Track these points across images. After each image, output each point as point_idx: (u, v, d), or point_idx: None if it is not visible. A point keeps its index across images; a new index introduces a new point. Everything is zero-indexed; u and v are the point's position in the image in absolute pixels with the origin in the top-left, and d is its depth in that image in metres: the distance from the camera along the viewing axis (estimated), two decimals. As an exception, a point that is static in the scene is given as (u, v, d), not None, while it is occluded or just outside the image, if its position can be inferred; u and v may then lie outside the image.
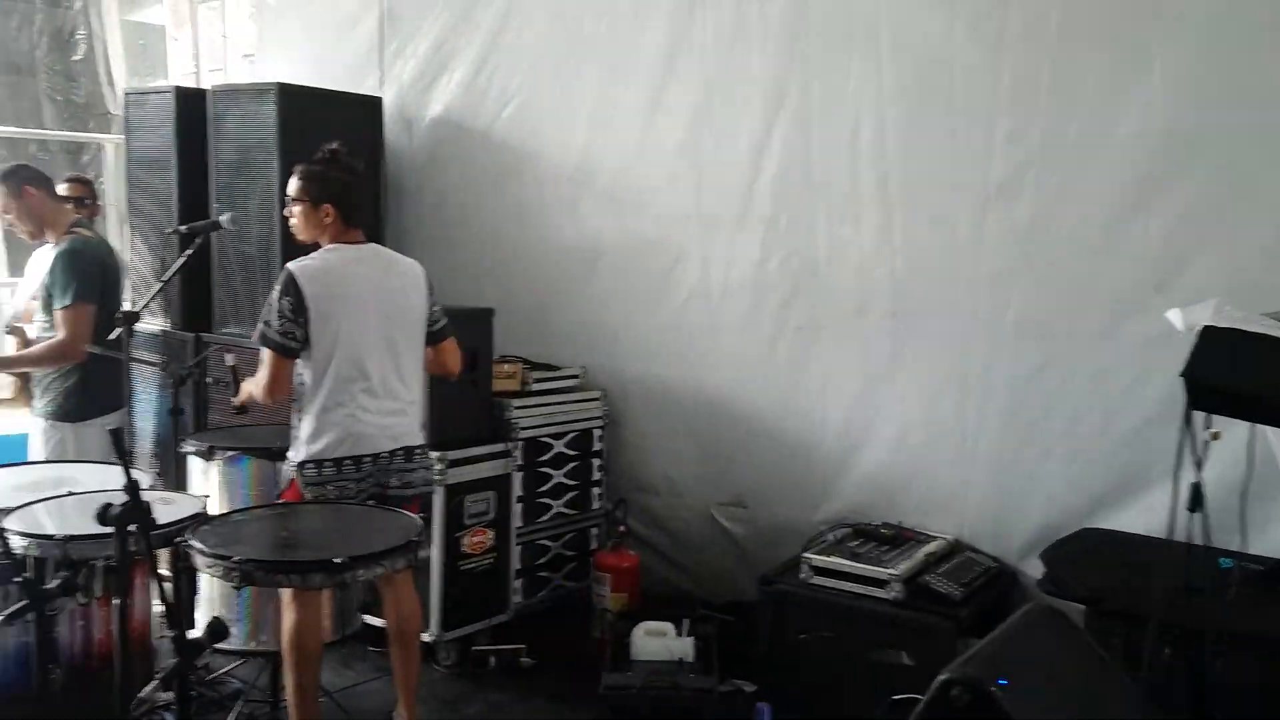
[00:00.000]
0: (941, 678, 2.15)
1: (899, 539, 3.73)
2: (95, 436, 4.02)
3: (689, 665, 3.65)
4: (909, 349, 3.94)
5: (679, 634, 3.77)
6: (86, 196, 4.92)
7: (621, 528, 4.41)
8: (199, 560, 2.71)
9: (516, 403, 4.26)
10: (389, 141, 5.03)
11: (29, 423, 4.21)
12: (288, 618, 3.14)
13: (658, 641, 3.73)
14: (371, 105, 4.92)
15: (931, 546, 3.68)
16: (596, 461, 4.59)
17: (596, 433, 4.57)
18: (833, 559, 3.56)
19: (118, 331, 3.72)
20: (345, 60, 5.24)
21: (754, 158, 4.19)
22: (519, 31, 4.75)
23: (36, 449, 4.13)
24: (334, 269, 3.24)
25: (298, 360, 3.21)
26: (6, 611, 2.67)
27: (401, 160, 5.11)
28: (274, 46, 5.73)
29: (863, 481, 4.08)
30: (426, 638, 3.82)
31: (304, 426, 3.22)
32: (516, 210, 4.83)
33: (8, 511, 2.87)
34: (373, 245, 3.40)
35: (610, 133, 4.55)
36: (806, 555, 3.60)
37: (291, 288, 3.15)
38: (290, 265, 3.21)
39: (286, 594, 3.14)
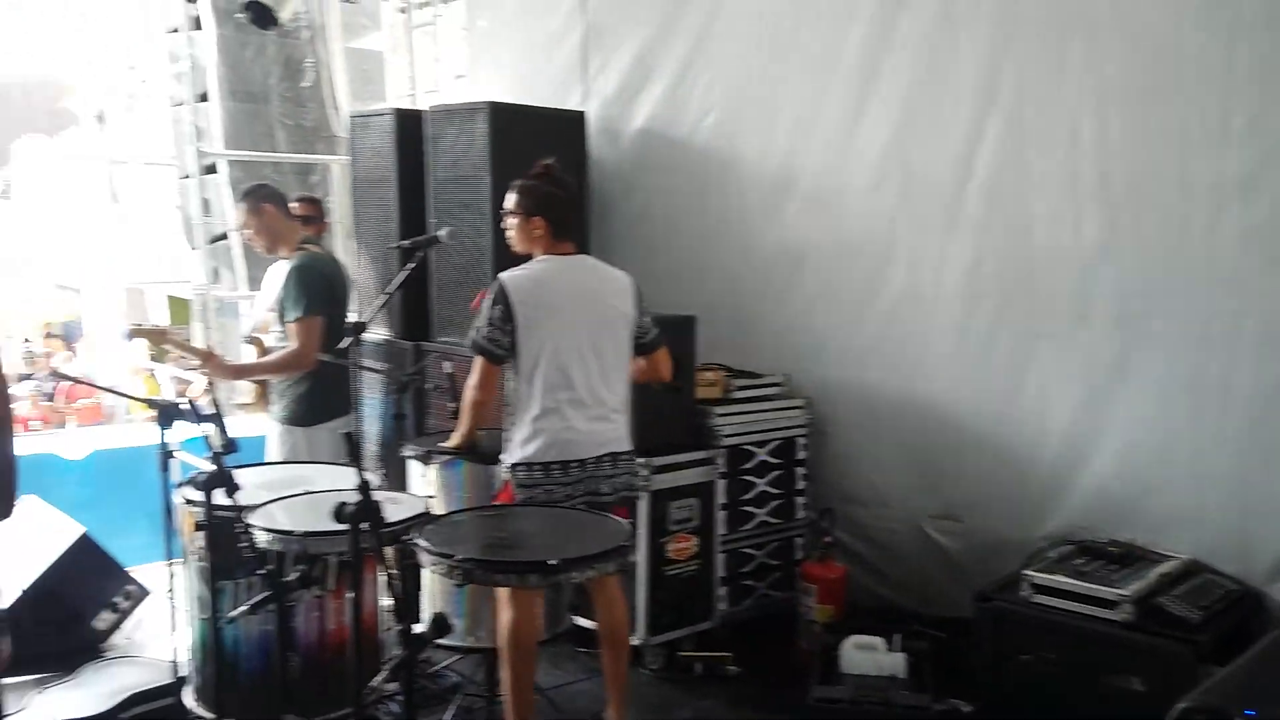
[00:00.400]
0: (1182, 706, 2.02)
1: (1129, 557, 3.51)
2: (325, 439, 4.25)
3: (901, 681, 3.55)
4: (1136, 357, 3.71)
5: (890, 648, 3.68)
6: (315, 214, 5.23)
7: (827, 538, 4.34)
8: (424, 558, 2.82)
9: (719, 410, 4.26)
10: (593, 154, 5.13)
11: (267, 426, 4.51)
12: (504, 615, 3.25)
13: (868, 655, 3.65)
14: (576, 120, 5.04)
15: (1166, 566, 3.44)
16: (800, 470, 4.53)
17: (800, 441, 4.51)
18: (1056, 577, 3.38)
19: (347, 341, 3.93)
20: (551, 77, 5.39)
21: (964, 157, 4.05)
22: (720, 40, 4.77)
23: (273, 450, 4.41)
24: (543, 280, 3.34)
25: (509, 367, 3.32)
26: (251, 601, 2.87)
27: (605, 172, 5.21)
28: (484, 66, 5.96)
29: (1087, 496, 3.86)
30: (633, 641, 3.86)
31: (516, 431, 3.33)
32: (718, 217, 4.85)
33: (252, 509, 3.06)
34: (582, 256, 3.48)
35: (813, 136, 4.50)
36: (1027, 572, 3.44)
37: (501, 297, 3.27)
38: (502, 275, 3.33)
39: (503, 593, 3.25)
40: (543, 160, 3.46)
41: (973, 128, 4.02)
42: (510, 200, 3.45)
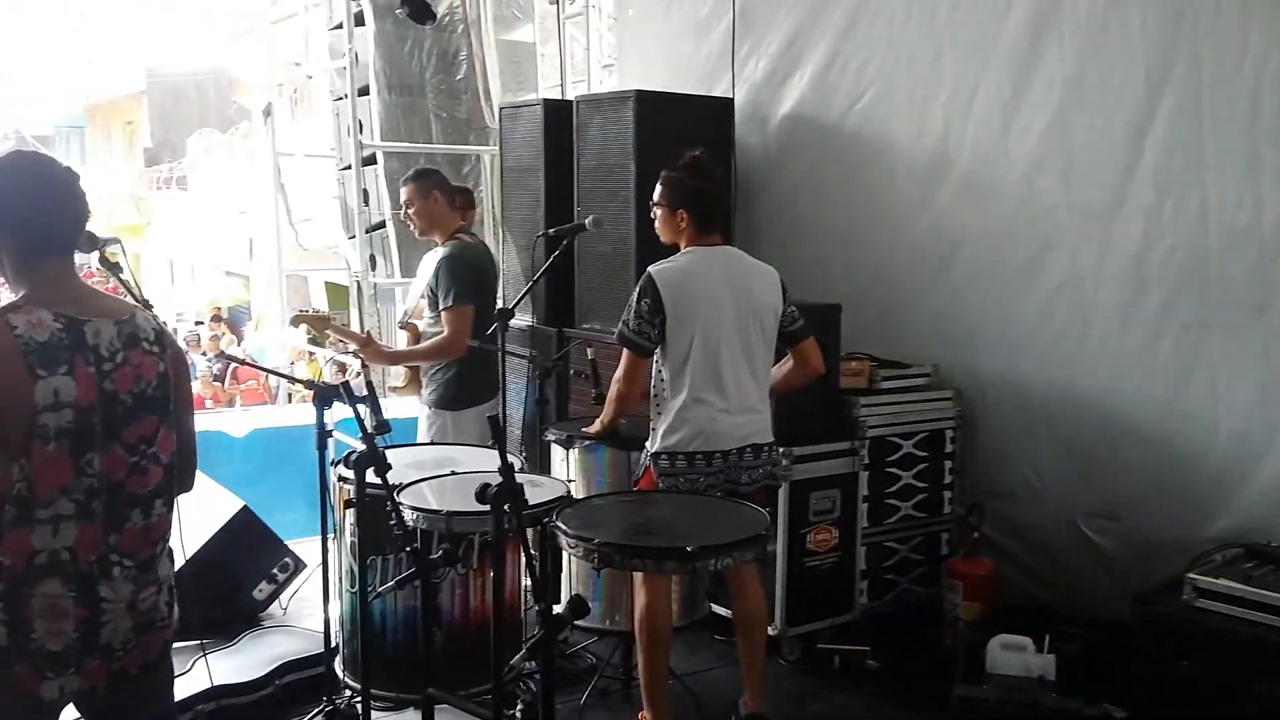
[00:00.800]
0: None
1: (1304, 564, 3.28)
2: (471, 422, 4.35)
3: (1050, 684, 3.41)
4: (1319, 349, 3.47)
5: (1039, 650, 3.53)
6: (467, 205, 5.36)
7: (975, 533, 4.20)
8: (563, 540, 2.85)
9: (864, 400, 4.17)
10: (739, 141, 5.09)
11: (418, 408, 4.64)
12: (639, 600, 3.26)
13: (1015, 656, 3.51)
14: (723, 107, 5.02)
15: (1346, 575, 3.20)
16: (948, 464, 4.40)
17: (949, 434, 4.38)
18: (1223, 581, 3.18)
19: (493, 327, 4.01)
20: (698, 64, 5.37)
21: (1133, 140, 3.84)
22: (872, 22, 4.66)
23: (422, 432, 4.54)
24: (692, 272, 3.32)
25: (655, 358, 3.33)
26: (398, 578, 2.95)
27: (751, 158, 5.16)
28: (632, 55, 5.99)
29: (1258, 498, 3.62)
30: (770, 631, 3.82)
31: (661, 420, 3.32)
32: (867, 203, 4.74)
33: (401, 488, 3.15)
34: (728, 248, 3.45)
35: (969, 120, 4.34)
36: (1191, 575, 3.24)
37: (650, 290, 3.27)
38: (651, 268, 3.33)
39: (638, 577, 3.26)
40: (691, 152, 3.45)
41: (1143, 108, 3.82)
42: (656, 192, 3.46)
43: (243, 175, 18.49)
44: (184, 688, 3.33)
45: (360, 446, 2.89)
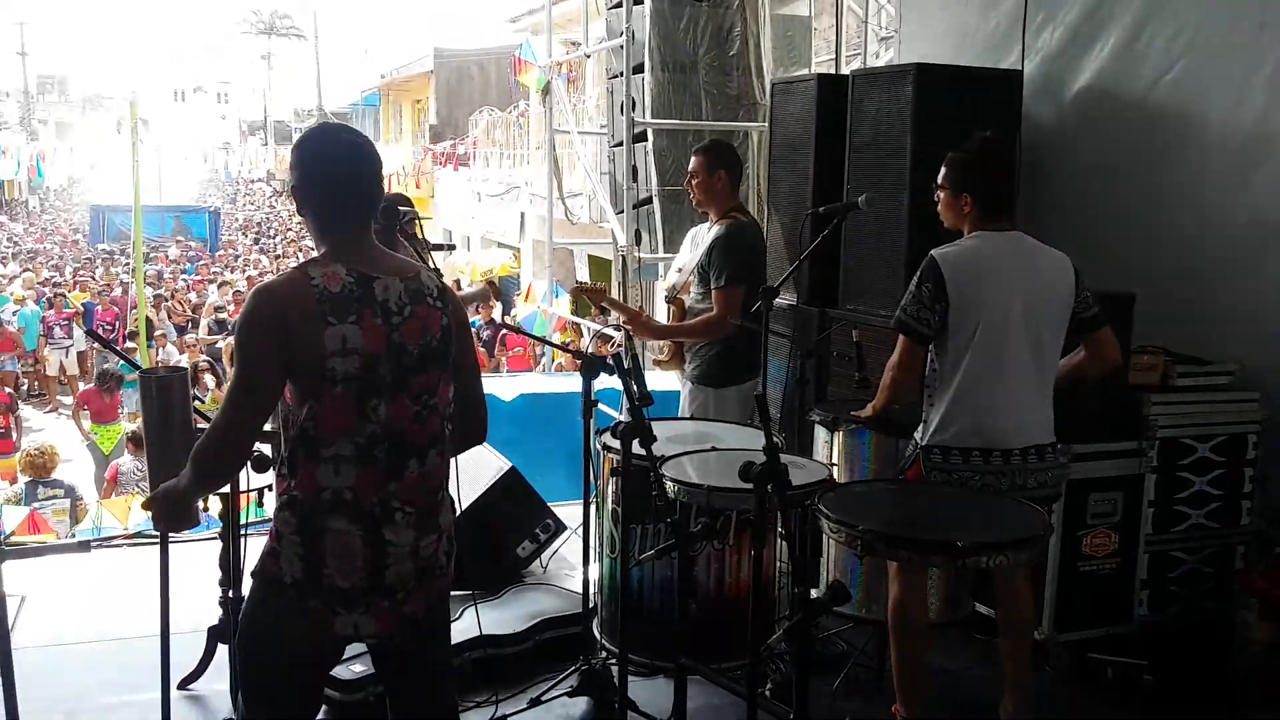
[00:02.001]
0: None
1: None
2: (733, 399, 4.35)
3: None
4: None
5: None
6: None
7: (1278, 549, 3.81)
8: (825, 525, 2.80)
9: (1155, 398, 3.86)
10: (1026, 116, 4.80)
11: (679, 383, 4.69)
12: (893, 591, 3.17)
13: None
14: (1010, 80, 4.73)
15: None
16: (1249, 471, 4.01)
17: (1251, 438, 3.99)
18: None
19: (758, 305, 3.99)
20: (984, 36, 5.12)
21: None
22: (1190, -14, 4.27)
23: (684, 406, 4.59)
24: (978, 258, 3.16)
25: (932, 346, 3.19)
26: (658, 548, 2.99)
27: (1039, 136, 4.86)
28: (913, 27, 5.78)
29: None
30: (1037, 636, 3.62)
31: (935, 412, 3.19)
32: (1170, 185, 4.36)
33: (664, 460, 3.19)
34: (1016, 233, 3.25)
35: (1297, 94, 3.91)
36: None
37: (932, 275, 3.14)
38: (934, 252, 3.19)
39: (893, 568, 3.16)
40: (981, 133, 3.28)
41: None
42: (941, 174, 3.31)
43: (518, 152, 19.34)
44: (454, 634, 3.52)
45: (623, 417, 2.95)
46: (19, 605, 4.13)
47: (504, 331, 13.97)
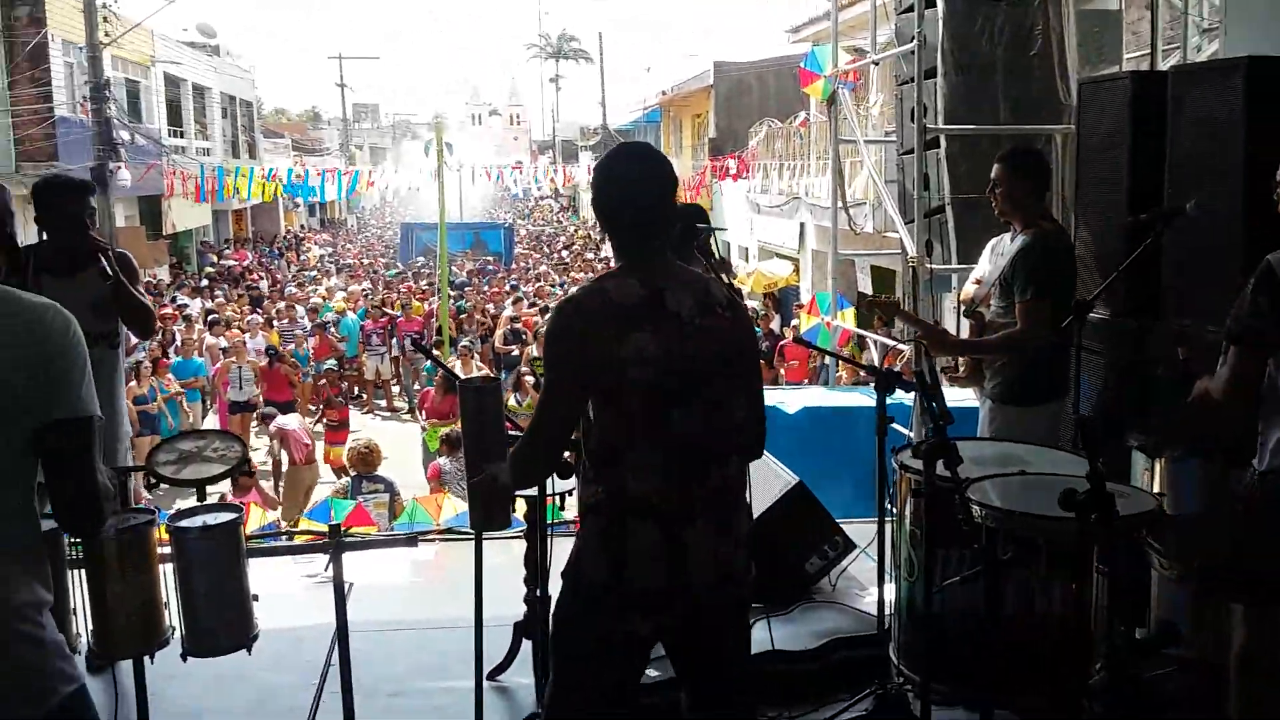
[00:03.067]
0: None
1: None
2: (1039, 420, 4.10)
3: None
4: None
5: None
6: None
7: None
8: (1155, 560, 2.60)
9: None
10: None
11: (978, 401, 4.49)
12: (1237, 637, 2.88)
13: None
14: (1364, 68, 4.24)
15: None
16: None
17: None
18: None
19: (1067, 320, 3.76)
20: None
21: None
22: None
23: (983, 426, 4.38)
24: None
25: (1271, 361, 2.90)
26: (964, 574, 2.88)
27: None
28: (1239, 16, 5.28)
29: None
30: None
31: (1274, 432, 2.89)
32: None
33: (971, 482, 3.06)
34: None
35: None
36: None
37: (1268, 282, 2.85)
38: (1270, 257, 2.90)
39: (1239, 609, 2.87)
40: None
41: None
42: None
43: (798, 162, 19.29)
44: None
45: (913, 435, 2.86)
46: (348, 591, 4.52)
47: (782, 343, 13.96)
